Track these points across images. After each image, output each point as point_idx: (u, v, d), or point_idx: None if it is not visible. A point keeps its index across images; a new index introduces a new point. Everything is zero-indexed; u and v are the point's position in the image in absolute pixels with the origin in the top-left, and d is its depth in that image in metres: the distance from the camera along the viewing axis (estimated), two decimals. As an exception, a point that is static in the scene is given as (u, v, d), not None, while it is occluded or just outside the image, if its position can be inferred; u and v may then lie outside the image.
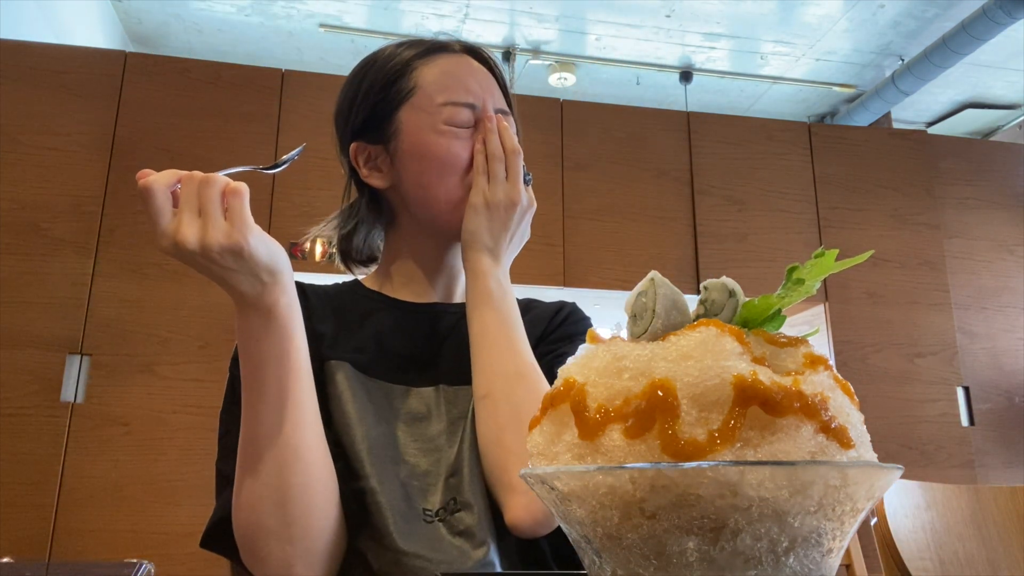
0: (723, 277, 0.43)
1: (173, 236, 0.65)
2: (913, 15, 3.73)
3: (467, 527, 0.80)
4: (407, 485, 0.82)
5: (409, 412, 0.88)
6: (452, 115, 0.92)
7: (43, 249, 2.54)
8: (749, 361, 0.38)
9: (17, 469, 2.35)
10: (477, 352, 0.87)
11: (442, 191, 0.92)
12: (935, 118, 4.70)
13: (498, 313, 0.87)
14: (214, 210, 0.66)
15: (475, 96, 0.94)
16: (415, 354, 0.93)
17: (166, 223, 0.65)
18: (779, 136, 3.32)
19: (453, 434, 0.87)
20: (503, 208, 0.91)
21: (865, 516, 0.38)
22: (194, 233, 0.65)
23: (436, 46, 0.98)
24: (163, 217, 0.65)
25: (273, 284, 0.70)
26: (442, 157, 0.91)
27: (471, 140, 0.93)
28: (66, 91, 2.68)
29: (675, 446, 0.35)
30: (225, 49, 4.05)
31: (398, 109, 0.94)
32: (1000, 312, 3.31)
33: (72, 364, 2.47)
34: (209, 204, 0.66)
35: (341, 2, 3.70)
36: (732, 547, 0.34)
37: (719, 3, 3.68)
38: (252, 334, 0.72)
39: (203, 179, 0.67)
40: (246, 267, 0.67)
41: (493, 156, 0.92)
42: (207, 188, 0.66)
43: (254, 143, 2.79)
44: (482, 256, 0.90)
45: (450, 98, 0.93)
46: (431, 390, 0.90)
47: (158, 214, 0.65)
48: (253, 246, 0.66)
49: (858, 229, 3.27)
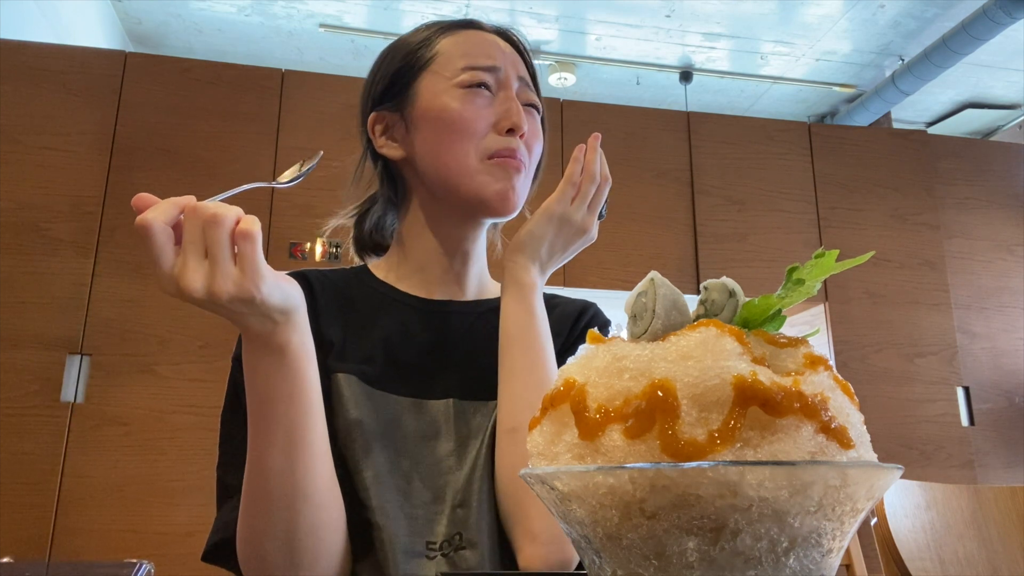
0: (723, 277, 0.43)
1: (176, 282, 0.58)
2: (913, 15, 3.73)
3: (469, 568, 0.77)
4: (412, 517, 0.79)
5: (418, 431, 0.84)
6: (470, 78, 0.88)
7: (43, 249, 2.54)
8: (749, 361, 0.38)
9: (17, 469, 2.35)
10: (508, 378, 0.82)
11: (454, 157, 0.86)
12: (935, 118, 4.70)
13: (537, 338, 0.83)
14: (222, 255, 0.58)
15: (497, 61, 0.90)
16: (426, 362, 0.89)
17: (168, 266, 0.58)
18: (779, 136, 3.32)
19: (462, 456, 0.83)
20: (574, 231, 0.87)
21: (865, 516, 0.38)
22: (200, 280, 0.57)
23: (463, 23, 0.95)
24: (164, 259, 0.57)
25: (285, 323, 0.65)
26: (455, 120, 0.86)
27: (490, 108, 0.88)
28: (66, 91, 2.68)
29: (675, 446, 0.35)
30: (225, 49, 4.04)
31: (417, 77, 0.90)
32: (1000, 312, 3.31)
33: (72, 364, 2.47)
34: (217, 248, 0.58)
35: (341, 2, 3.70)
36: (732, 547, 0.34)
37: (719, 3, 3.68)
38: (261, 370, 0.67)
39: (209, 218, 0.58)
40: (258, 311, 0.62)
41: (590, 176, 0.87)
42: (214, 230, 0.57)
43: (254, 143, 2.79)
44: (532, 266, 0.87)
45: (470, 62, 0.88)
46: (442, 404, 0.86)
47: (159, 256, 0.57)
48: (266, 294, 0.60)
49: (858, 229, 3.27)
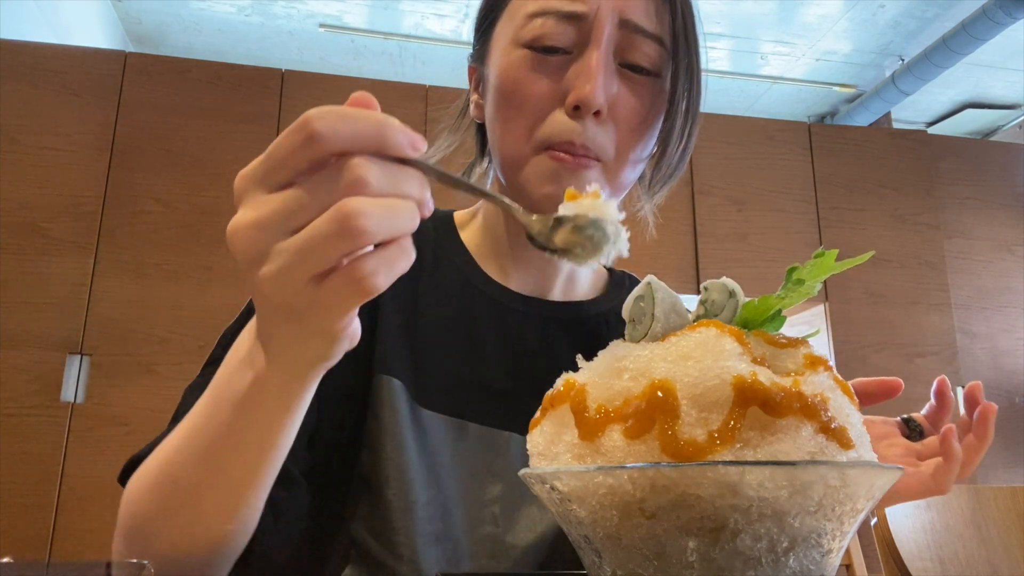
0: (723, 277, 0.43)
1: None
2: (913, 15, 3.73)
3: None
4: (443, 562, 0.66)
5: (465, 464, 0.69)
6: (536, 31, 0.66)
7: (43, 249, 2.54)
8: (749, 362, 0.38)
9: (17, 469, 2.35)
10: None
11: (507, 138, 0.68)
12: (935, 118, 4.69)
13: None
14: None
15: (584, 1, 0.65)
16: (489, 378, 0.72)
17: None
18: (779, 136, 3.32)
19: (511, 512, 0.68)
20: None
21: (865, 516, 0.38)
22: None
23: None
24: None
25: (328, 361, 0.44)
26: (508, 92, 0.67)
27: (562, 74, 0.66)
28: (66, 91, 2.68)
29: (675, 446, 0.35)
30: (225, 49, 4.04)
31: (495, 22, 0.72)
32: (1000, 312, 3.31)
33: (72, 364, 2.47)
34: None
35: (341, 2, 3.69)
36: (732, 547, 0.34)
37: (719, 3, 3.68)
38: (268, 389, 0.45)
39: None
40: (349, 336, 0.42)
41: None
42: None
43: (254, 143, 2.79)
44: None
45: (540, 5, 0.66)
46: (503, 437, 0.70)
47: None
48: (357, 332, 0.43)
49: (858, 229, 3.26)
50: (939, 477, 0.63)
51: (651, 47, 0.67)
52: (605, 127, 0.66)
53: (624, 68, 0.67)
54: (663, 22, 0.67)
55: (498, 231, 0.77)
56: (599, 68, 0.64)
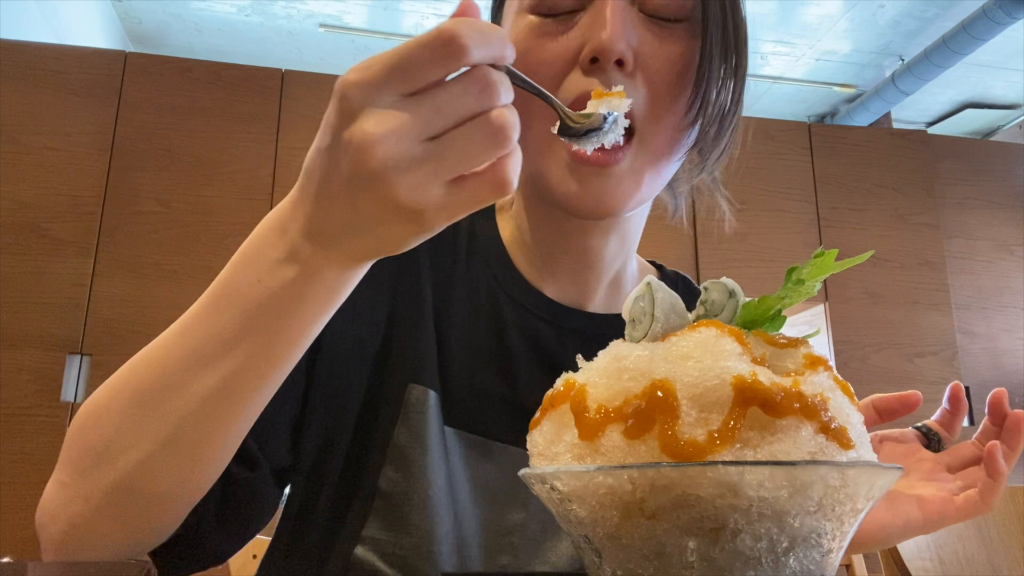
0: (723, 277, 0.43)
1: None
2: (913, 15, 3.73)
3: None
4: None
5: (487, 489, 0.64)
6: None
7: (43, 249, 2.54)
8: (749, 362, 0.38)
9: (17, 469, 2.35)
10: None
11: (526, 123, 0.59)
12: (935, 118, 4.70)
13: None
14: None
15: None
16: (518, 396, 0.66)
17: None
18: (779, 136, 3.32)
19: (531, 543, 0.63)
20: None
21: (865, 516, 0.38)
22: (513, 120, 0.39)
23: None
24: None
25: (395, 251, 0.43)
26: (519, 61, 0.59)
27: (574, 32, 0.58)
28: (66, 91, 2.68)
29: (675, 446, 0.35)
30: (225, 49, 4.04)
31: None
32: (1000, 312, 3.31)
33: (72, 364, 2.47)
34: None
35: (341, 2, 3.70)
36: (732, 547, 0.34)
37: (719, 3, 3.68)
38: (317, 283, 0.44)
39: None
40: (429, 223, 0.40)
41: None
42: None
43: (254, 143, 2.79)
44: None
45: None
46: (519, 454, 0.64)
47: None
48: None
49: (858, 229, 3.27)
50: (987, 497, 0.59)
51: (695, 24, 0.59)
52: (633, 81, 0.58)
53: (647, 16, 0.59)
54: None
55: (529, 225, 0.69)
56: (615, 11, 0.56)
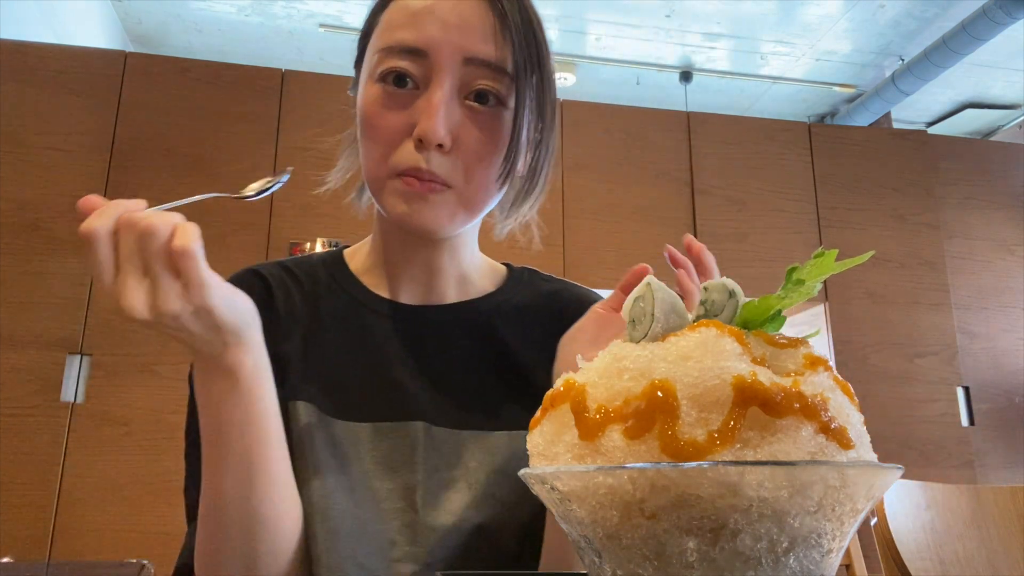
0: (723, 278, 0.43)
1: (118, 301, 0.53)
2: (913, 15, 3.73)
3: None
4: (364, 568, 0.70)
5: (386, 463, 0.74)
6: (385, 64, 0.71)
7: (43, 249, 2.54)
8: (749, 362, 0.38)
9: (17, 469, 2.35)
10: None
11: (368, 163, 0.74)
12: (935, 118, 4.70)
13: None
14: (160, 270, 0.53)
15: (425, 40, 0.69)
16: (397, 379, 0.77)
17: (109, 282, 0.53)
18: (779, 136, 3.32)
19: (432, 496, 0.72)
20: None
21: (865, 516, 0.38)
22: (141, 299, 0.52)
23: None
24: (106, 274, 0.53)
25: (236, 344, 0.59)
26: (364, 124, 0.73)
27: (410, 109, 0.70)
28: (66, 91, 2.68)
29: (675, 447, 0.35)
30: (225, 49, 4.04)
31: (363, 56, 0.77)
32: (1000, 312, 3.31)
33: (72, 364, 2.47)
34: (153, 262, 0.52)
35: (341, 2, 3.70)
36: (732, 547, 0.34)
37: (719, 3, 3.68)
38: (213, 395, 0.61)
39: (143, 231, 0.52)
40: (205, 330, 0.56)
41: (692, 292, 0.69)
42: (148, 242, 0.52)
43: (254, 143, 2.79)
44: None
45: (388, 40, 0.71)
46: (410, 428, 0.75)
47: (101, 270, 0.52)
48: (214, 308, 0.55)
49: (858, 229, 3.27)
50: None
51: (495, 78, 0.71)
52: (451, 157, 0.71)
53: (470, 100, 0.71)
54: (506, 51, 0.71)
55: (383, 250, 0.82)
56: (439, 105, 0.68)
